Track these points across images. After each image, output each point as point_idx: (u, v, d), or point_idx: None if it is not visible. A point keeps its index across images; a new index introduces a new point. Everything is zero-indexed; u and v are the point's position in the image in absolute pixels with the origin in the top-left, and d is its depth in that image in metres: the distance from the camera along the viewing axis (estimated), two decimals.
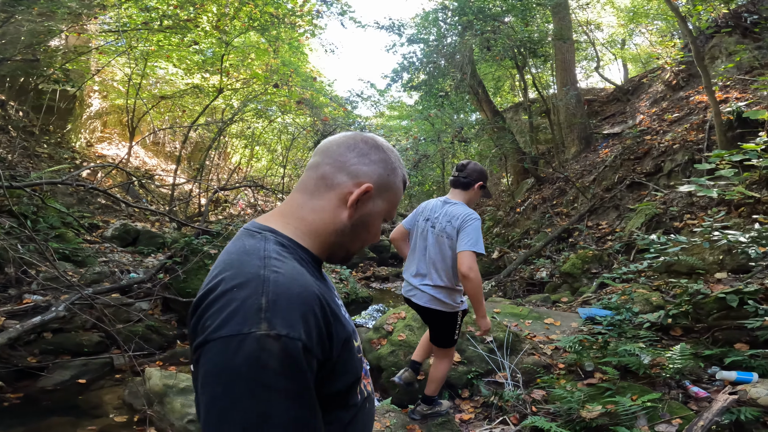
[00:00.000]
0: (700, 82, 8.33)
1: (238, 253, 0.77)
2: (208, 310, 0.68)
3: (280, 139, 12.17)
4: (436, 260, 2.46)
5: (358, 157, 0.86)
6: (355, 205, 0.84)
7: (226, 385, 0.62)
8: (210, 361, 0.65)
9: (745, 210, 5.05)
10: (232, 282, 0.69)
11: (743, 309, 3.22)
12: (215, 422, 0.62)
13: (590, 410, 2.28)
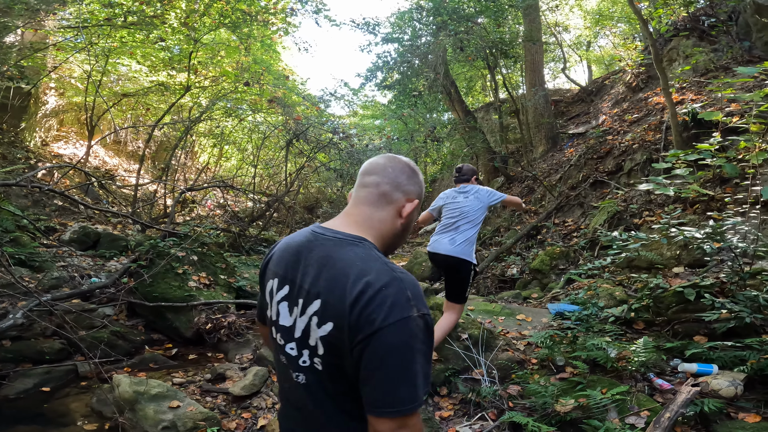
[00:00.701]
0: (658, 84, 8.74)
1: (362, 260, 1.00)
2: (369, 306, 0.92)
3: (250, 138, 11.94)
4: (467, 218, 3.20)
5: (407, 179, 1.14)
6: (407, 215, 1.12)
7: (403, 352, 0.91)
8: (387, 340, 0.91)
9: (700, 207, 5.35)
10: (378, 284, 0.94)
11: (700, 302, 3.41)
12: (402, 378, 0.91)
13: (564, 404, 2.38)
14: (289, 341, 1.08)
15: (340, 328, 0.96)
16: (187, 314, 4.73)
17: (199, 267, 5.46)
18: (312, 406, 1.07)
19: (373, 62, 9.71)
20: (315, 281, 1.03)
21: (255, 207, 9.88)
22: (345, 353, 0.96)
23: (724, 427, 2.29)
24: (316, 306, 1.01)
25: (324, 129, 9.10)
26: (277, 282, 1.13)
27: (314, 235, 1.11)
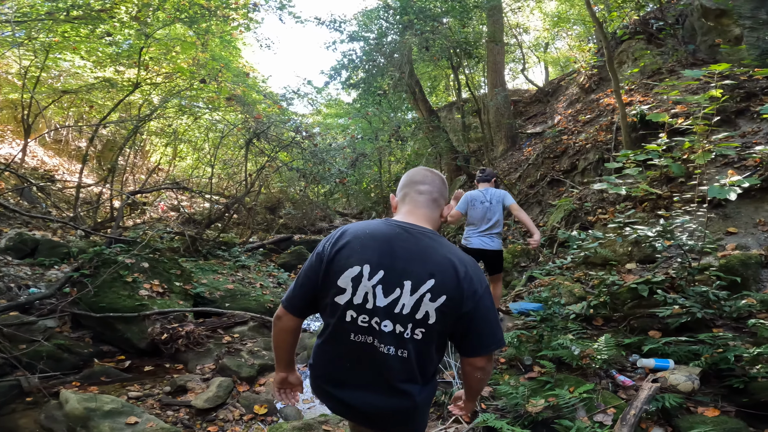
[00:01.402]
0: (609, 86, 9.15)
1: (451, 248, 1.40)
2: (472, 281, 1.35)
3: (207, 137, 11.44)
4: (498, 220, 3.96)
5: (445, 188, 1.55)
6: (446, 215, 1.55)
7: (494, 308, 1.41)
8: (486, 302, 1.37)
9: (648, 205, 5.64)
10: (470, 266, 1.38)
11: (653, 298, 3.58)
12: (496, 321, 1.41)
13: (535, 405, 2.42)
14: (386, 318, 1.34)
15: (452, 299, 1.33)
16: (140, 324, 4.48)
17: (151, 274, 5.18)
18: (393, 369, 1.35)
19: (338, 60, 9.59)
20: (425, 266, 1.35)
21: (213, 208, 9.50)
22: (453, 317, 1.34)
23: (685, 422, 2.39)
24: (430, 284, 1.33)
25: (286, 128, 8.85)
26: (369, 268, 1.35)
27: (403, 228, 1.41)
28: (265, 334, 5.03)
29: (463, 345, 1.39)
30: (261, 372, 3.95)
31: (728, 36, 6.66)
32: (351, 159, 10.29)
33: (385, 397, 1.37)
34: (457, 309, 1.32)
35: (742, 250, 4.32)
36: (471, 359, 1.41)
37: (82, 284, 4.54)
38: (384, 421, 1.41)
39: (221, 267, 6.92)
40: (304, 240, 10.49)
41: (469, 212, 4.06)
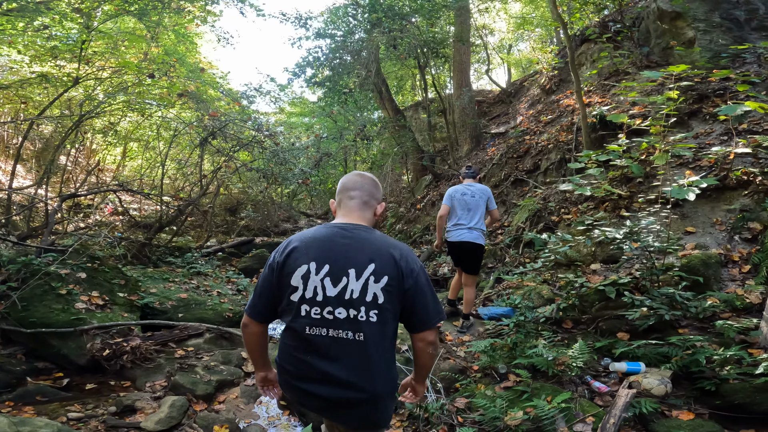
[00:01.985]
0: (569, 87, 9.34)
1: (385, 238, 1.62)
2: (408, 261, 1.54)
3: (159, 135, 10.77)
4: (479, 213, 4.08)
5: (376, 190, 1.73)
6: (380, 214, 1.73)
7: (430, 285, 1.60)
8: (423, 279, 1.56)
9: (609, 205, 5.73)
10: (404, 249, 1.59)
11: (621, 300, 3.58)
12: (434, 296, 1.58)
13: (514, 417, 2.29)
14: (339, 306, 1.50)
15: (394, 278, 1.50)
16: (77, 340, 4.08)
17: (88, 285, 4.74)
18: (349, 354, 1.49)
19: (303, 58, 9.26)
20: (364, 254, 1.53)
21: (164, 211, 8.92)
22: (397, 295, 1.51)
23: (661, 426, 2.34)
24: (371, 268, 1.51)
25: (246, 126, 8.41)
26: (315, 264, 1.54)
27: (340, 228, 1.61)
28: (224, 346, 4.69)
29: (412, 321, 1.56)
30: (219, 388, 3.64)
31: (682, 38, 6.89)
32: (315, 159, 9.99)
33: (345, 385, 1.49)
34: (400, 287, 1.50)
35: (702, 249, 4.43)
36: (422, 334, 1.56)
37: (9, 298, 4.06)
38: (347, 410, 1.53)
39: (173, 274, 6.47)
40: (266, 243, 10.08)
41: (452, 206, 4.17)
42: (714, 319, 3.34)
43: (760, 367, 2.47)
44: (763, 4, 6.76)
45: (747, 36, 6.49)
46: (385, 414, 1.62)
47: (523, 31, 15.12)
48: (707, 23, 6.65)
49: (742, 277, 4.00)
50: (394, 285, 1.50)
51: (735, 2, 6.81)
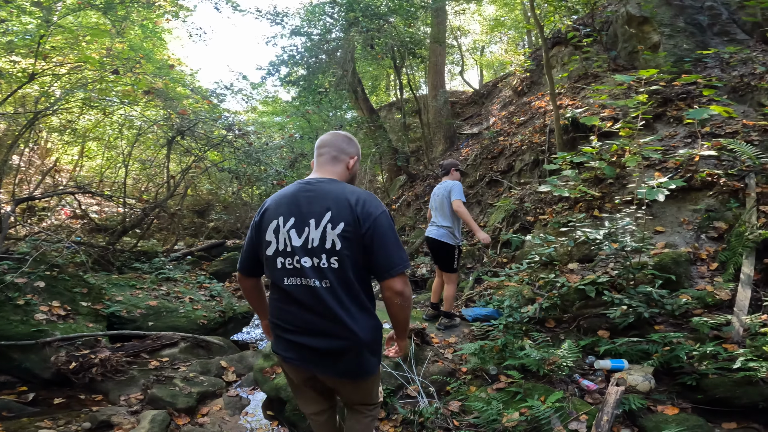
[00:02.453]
0: (540, 89, 9.57)
1: (348, 186, 1.66)
2: (366, 206, 1.58)
3: (121, 134, 10.24)
4: (443, 211, 4.13)
5: (347, 145, 1.80)
6: (351, 167, 1.80)
7: (392, 229, 1.60)
8: (383, 222, 1.57)
9: (583, 205, 5.90)
10: (363, 195, 1.61)
11: (600, 298, 3.67)
12: (399, 245, 1.59)
13: (510, 419, 2.30)
14: (304, 255, 1.58)
15: (351, 224, 1.54)
16: (40, 352, 3.84)
17: (48, 295, 4.47)
18: (328, 304, 1.55)
19: (278, 56, 9.05)
20: (322, 203, 1.59)
21: (128, 214, 8.49)
22: (356, 242, 1.54)
23: (649, 422, 2.40)
24: (328, 216, 1.57)
25: (217, 125, 8.12)
26: (283, 218, 1.64)
27: (305, 183, 1.70)
28: (201, 355, 4.50)
29: (375, 268, 1.56)
30: (201, 400, 3.48)
31: (648, 43, 7.16)
32: (290, 159, 9.77)
33: (327, 330, 1.56)
34: (357, 231, 1.53)
35: (671, 248, 4.61)
36: (386, 283, 1.54)
37: None
38: (332, 358, 1.59)
39: (140, 281, 6.17)
40: (238, 245, 9.78)
41: (430, 206, 4.44)
42: (688, 316, 3.48)
43: (737, 362, 2.57)
44: (726, 9, 7.07)
45: (709, 41, 6.80)
46: (371, 361, 1.65)
47: (495, 33, 15.39)
48: (672, 28, 6.92)
49: (710, 275, 4.18)
50: (351, 230, 1.52)
51: (699, 7, 7.09)
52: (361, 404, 1.84)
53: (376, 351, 1.67)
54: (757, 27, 6.71)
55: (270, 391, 3.19)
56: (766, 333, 2.85)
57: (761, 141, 5.01)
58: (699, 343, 2.98)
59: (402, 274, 1.55)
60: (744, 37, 6.79)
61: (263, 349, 3.68)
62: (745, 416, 2.45)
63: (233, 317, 5.93)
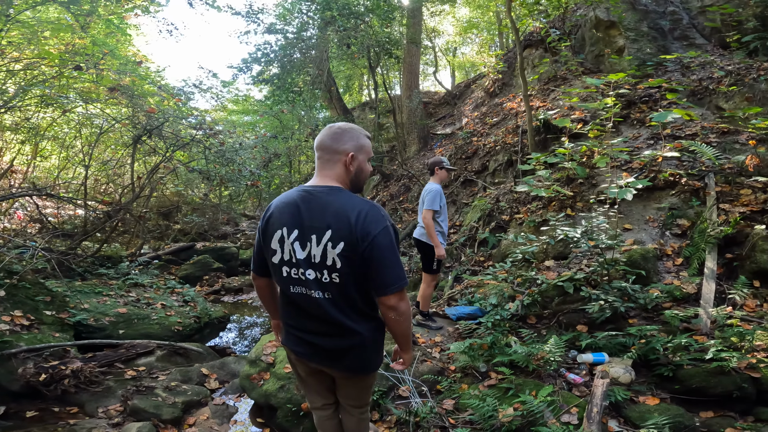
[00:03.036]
0: (511, 91, 9.81)
1: (349, 199, 1.58)
2: (364, 224, 1.51)
3: (80, 133, 9.69)
4: (420, 213, 4.16)
5: (336, 143, 1.67)
6: (349, 164, 1.67)
7: (390, 248, 1.54)
8: (381, 242, 1.52)
9: (557, 204, 6.12)
10: (365, 211, 1.54)
11: (578, 294, 3.82)
12: (396, 264, 1.55)
13: (506, 415, 2.36)
14: (308, 268, 1.58)
15: (349, 243, 1.51)
16: (6, 364, 3.62)
17: (9, 304, 4.23)
18: (330, 315, 1.59)
19: (251, 53, 8.80)
20: (322, 219, 1.55)
21: (89, 217, 8.07)
22: (356, 261, 1.52)
23: (633, 412, 2.53)
24: (328, 234, 1.54)
25: (185, 124, 7.84)
26: (287, 229, 1.62)
27: (305, 191, 1.64)
28: (179, 363, 4.35)
29: (372, 284, 1.57)
30: (187, 410, 3.36)
31: (614, 47, 7.46)
32: (263, 159, 9.56)
33: (333, 333, 1.63)
34: (356, 251, 1.51)
35: (639, 244, 4.86)
36: (382, 299, 1.56)
37: None
38: (332, 354, 1.66)
39: (107, 287, 5.90)
40: (209, 248, 9.50)
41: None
42: (659, 310, 3.68)
43: (709, 352, 2.75)
44: (687, 14, 7.46)
45: (669, 45, 7.17)
46: (373, 358, 1.71)
47: (468, 35, 15.63)
48: (636, 32, 7.24)
49: (676, 269, 4.43)
50: (351, 250, 1.51)
51: (662, 12, 7.45)
52: (354, 406, 1.89)
53: (378, 349, 1.73)
54: (716, 32, 7.11)
55: (259, 398, 3.14)
56: (732, 324, 3.05)
57: (719, 142, 5.35)
58: (671, 335, 3.15)
59: (399, 291, 1.55)
60: (702, 42, 7.19)
61: (248, 356, 3.60)
62: (721, 405, 2.62)
63: (209, 323, 5.77)
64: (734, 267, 3.96)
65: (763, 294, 3.59)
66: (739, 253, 3.97)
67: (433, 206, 4.01)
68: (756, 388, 2.62)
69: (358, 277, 1.56)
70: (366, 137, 1.74)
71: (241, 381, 3.34)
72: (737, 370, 2.62)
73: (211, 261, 8.86)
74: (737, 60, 6.40)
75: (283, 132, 10.47)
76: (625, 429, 2.39)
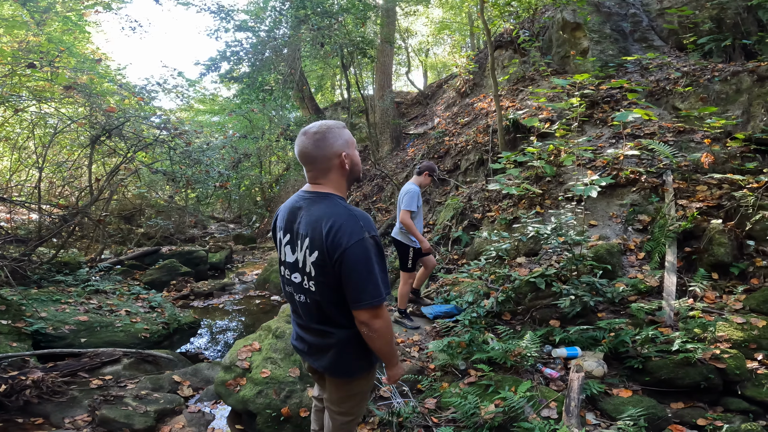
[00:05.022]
0: (482, 91, 9.97)
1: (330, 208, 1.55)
2: (337, 235, 1.47)
3: (33, 133, 9.13)
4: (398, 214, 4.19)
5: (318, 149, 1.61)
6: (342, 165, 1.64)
7: (363, 262, 1.47)
8: (352, 255, 1.47)
9: (526, 202, 6.27)
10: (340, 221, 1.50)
11: (549, 290, 3.92)
12: (367, 279, 1.48)
13: (488, 412, 2.39)
14: (295, 272, 1.65)
15: (322, 254, 1.50)
16: None
17: None
18: (311, 317, 1.65)
19: (220, 51, 8.51)
20: (305, 226, 1.57)
21: (44, 222, 7.63)
22: (328, 271, 1.51)
23: (608, 404, 2.61)
24: (307, 242, 1.56)
25: (148, 124, 7.52)
26: (283, 232, 1.70)
27: (301, 195, 1.67)
28: (149, 371, 4.18)
29: (347, 297, 1.53)
30: (161, 419, 3.23)
31: (579, 48, 7.70)
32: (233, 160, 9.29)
33: (311, 333, 1.69)
34: (328, 262, 1.49)
35: (604, 240, 5.04)
36: (355, 312, 1.53)
37: None
38: (316, 352, 1.70)
39: (65, 295, 5.62)
40: (175, 252, 9.18)
41: None
42: (625, 303, 3.83)
43: (675, 344, 2.87)
44: (646, 16, 7.78)
45: (630, 47, 7.47)
46: (352, 363, 1.68)
47: (441, 36, 15.76)
48: (600, 34, 7.49)
49: (639, 264, 4.63)
50: (323, 260, 1.51)
51: (624, 14, 7.74)
52: (336, 412, 1.84)
53: (360, 356, 1.67)
54: (673, 34, 7.46)
55: (236, 404, 3.05)
56: (694, 316, 3.21)
57: (676, 141, 5.63)
58: (638, 327, 3.28)
59: (371, 308, 1.49)
60: (660, 44, 7.53)
61: (222, 361, 3.50)
62: (690, 396, 2.74)
63: (179, 328, 5.57)
64: (693, 260, 4.17)
65: (721, 286, 3.80)
66: (698, 247, 4.17)
67: (411, 207, 4.05)
68: (722, 379, 2.75)
69: (331, 286, 1.54)
70: (343, 128, 1.68)
71: (217, 388, 3.24)
72: (703, 361, 2.75)
73: (179, 265, 8.56)
74: (693, 61, 6.74)
75: (253, 132, 10.22)
76: (602, 422, 2.47)
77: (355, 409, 1.83)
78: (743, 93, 5.68)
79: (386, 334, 1.56)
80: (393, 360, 1.67)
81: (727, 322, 3.15)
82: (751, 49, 6.64)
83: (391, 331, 1.59)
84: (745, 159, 5.01)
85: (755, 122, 5.43)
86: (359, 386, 1.78)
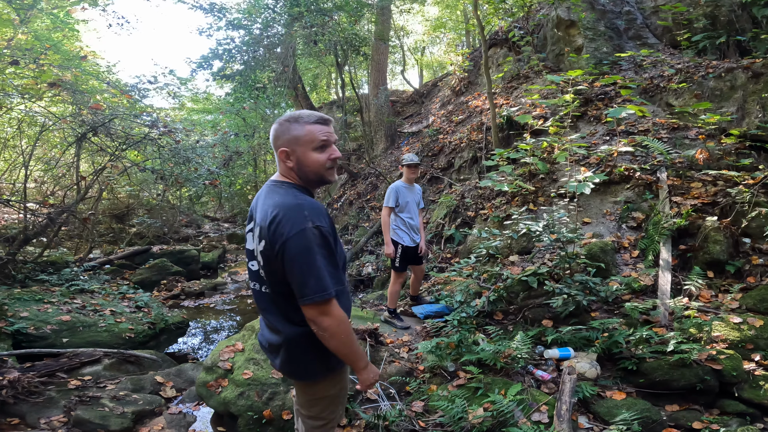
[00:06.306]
0: (477, 89, 9.89)
1: (281, 196, 1.51)
2: (279, 225, 1.41)
3: (20, 132, 8.97)
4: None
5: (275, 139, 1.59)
6: (287, 160, 1.57)
7: (305, 254, 1.39)
8: (292, 246, 1.39)
9: (519, 199, 6.19)
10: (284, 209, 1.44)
11: (542, 289, 3.83)
12: (309, 273, 1.39)
13: (476, 416, 2.30)
14: (252, 260, 1.62)
15: (266, 243, 1.46)
16: None
17: None
18: (265, 305, 1.61)
19: (212, 49, 8.37)
20: (260, 214, 1.53)
21: (30, 220, 7.49)
22: (273, 261, 1.45)
23: (601, 407, 2.52)
24: (257, 231, 1.53)
25: (138, 122, 7.39)
26: (248, 219, 1.68)
27: (267, 184, 1.64)
28: (130, 371, 4.07)
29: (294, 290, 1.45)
30: (139, 420, 3.13)
31: (573, 45, 7.64)
32: (223, 158, 9.16)
33: (268, 328, 1.64)
34: (271, 252, 1.44)
35: (598, 237, 4.97)
36: (302, 309, 1.43)
37: None
38: (272, 350, 1.64)
39: (48, 294, 5.49)
40: (167, 251, 9.04)
41: None
42: (618, 302, 3.74)
43: (670, 344, 2.79)
44: (641, 14, 7.73)
45: (624, 44, 7.41)
46: (307, 364, 1.57)
47: (436, 34, 15.68)
48: (594, 32, 7.44)
49: (633, 261, 4.55)
50: (268, 249, 1.46)
51: (618, 12, 7.70)
52: (305, 415, 1.73)
53: (315, 358, 1.56)
54: (667, 31, 7.42)
55: (218, 405, 2.95)
56: (689, 316, 3.13)
57: (670, 138, 5.56)
58: (632, 327, 3.19)
59: (314, 304, 1.39)
60: (654, 41, 7.49)
61: (204, 362, 3.39)
62: (685, 398, 2.65)
63: (166, 329, 5.46)
64: (688, 258, 4.09)
65: (717, 284, 3.72)
66: (692, 245, 4.10)
67: (387, 203, 4.14)
68: (718, 380, 2.66)
69: (281, 279, 1.47)
70: (302, 123, 1.55)
71: (198, 389, 3.14)
72: (698, 363, 2.66)
73: (170, 265, 8.43)
74: (687, 59, 6.68)
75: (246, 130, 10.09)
76: (594, 425, 2.39)
77: (325, 414, 1.70)
78: (738, 90, 5.62)
79: (339, 334, 1.42)
80: (358, 363, 1.53)
81: (723, 322, 3.07)
82: (745, 46, 6.59)
83: (347, 330, 1.45)
84: (740, 155, 4.94)
85: (750, 119, 5.37)
86: (324, 390, 1.66)
